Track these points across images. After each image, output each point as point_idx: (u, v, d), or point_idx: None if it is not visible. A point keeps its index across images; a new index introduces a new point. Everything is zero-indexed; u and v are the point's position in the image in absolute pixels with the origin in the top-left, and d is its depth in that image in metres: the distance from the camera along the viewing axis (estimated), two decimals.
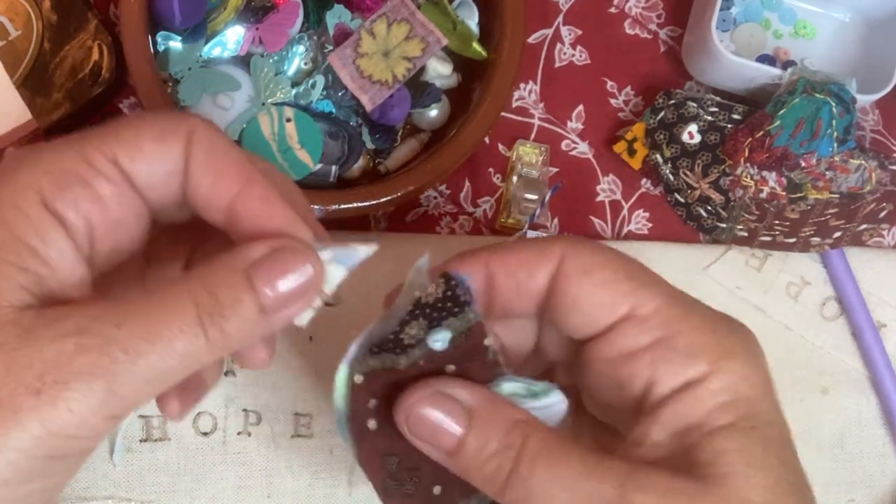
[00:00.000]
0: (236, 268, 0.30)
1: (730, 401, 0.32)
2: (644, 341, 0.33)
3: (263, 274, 0.30)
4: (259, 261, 0.30)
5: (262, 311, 0.30)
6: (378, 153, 0.51)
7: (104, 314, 0.28)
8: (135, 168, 0.31)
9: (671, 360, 0.32)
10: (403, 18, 0.50)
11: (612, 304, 0.33)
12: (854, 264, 0.54)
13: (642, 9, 0.56)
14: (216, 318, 0.29)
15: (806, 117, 0.50)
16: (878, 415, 0.53)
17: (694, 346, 0.32)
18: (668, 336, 0.33)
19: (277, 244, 0.31)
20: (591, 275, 0.33)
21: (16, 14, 0.49)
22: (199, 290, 0.29)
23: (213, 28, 0.49)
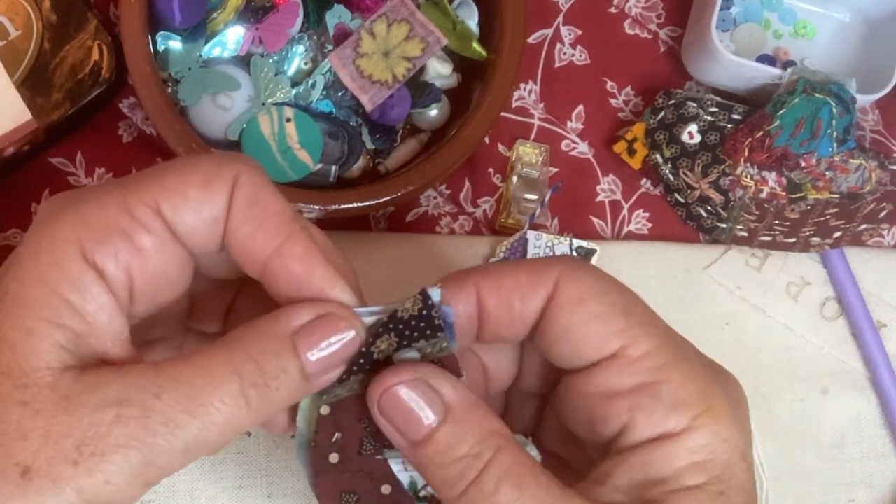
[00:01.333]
0: (281, 335, 0.30)
1: (703, 461, 0.30)
2: (628, 384, 0.31)
3: (309, 341, 0.30)
4: (304, 327, 0.30)
5: (306, 378, 0.30)
6: (378, 153, 0.51)
7: (144, 383, 0.28)
8: (178, 217, 0.30)
9: (652, 409, 0.31)
10: (403, 18, 0.50)
11: (603, 341, 0.32)
12: (854, 264, 0.54)
13: (642, 9, 0.56)
14: (260, 388, 0.29)
15: (806, 117, 0.50)
16: (878, 415, 0.53)
17: (678, 398, 0.31)
18: (654, 383, 0.31)
19: (322, 309, 0.30)
20: (585, 306, 0.32)
21: (16, 14, 0.49)
22: (243, 358, 0.29)
23: (213, 28, 0.49)
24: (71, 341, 0.28)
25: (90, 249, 0.29)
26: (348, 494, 0.34)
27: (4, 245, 0.51)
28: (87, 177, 0.52)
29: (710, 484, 0.30)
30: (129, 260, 0.29)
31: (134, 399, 0.28)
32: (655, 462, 0.30)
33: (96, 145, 0.52)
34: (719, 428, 0.31)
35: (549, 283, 0.32)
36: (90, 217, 0.29)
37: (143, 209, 0.30)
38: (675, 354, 0.32)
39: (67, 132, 0.51)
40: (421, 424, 0.31)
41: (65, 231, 0.29)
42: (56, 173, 0.51)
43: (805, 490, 0.52)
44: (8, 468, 0.27)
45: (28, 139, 0.48)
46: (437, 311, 0.32)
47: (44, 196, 0.51)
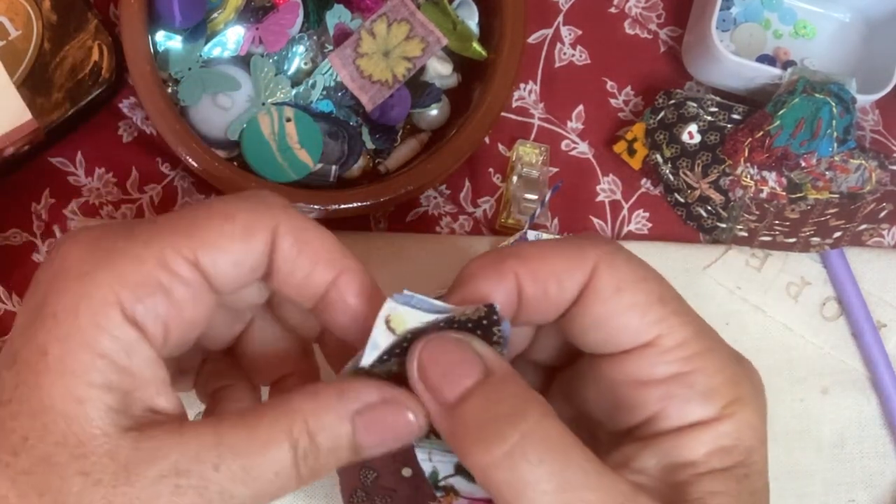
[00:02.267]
0: (342, 414, 0.30)
1: (731, 446, 0.31)
2: (662, 373, 0.31)
3: (369, 424, 0.30)
4: (367, 409, 0.30)
5: (356, 454, 0.31)
6: (378, 153, 0.51)
7: (203, 452, 0.28)
8: (217, 268, 0.30)
9: (686, 398, 0.31)
10: (403, 18, 0.50)
11: (639, 330, 0.31)
12: (854, 264, 0.54)
13: (642, 9, 0.56)
14: (311, 462, 0.29)
15: (806, 117, 0.50)
16: (878, 415, 0.53)
17: (710, 388, 0.31)
18: (688, 373, 0.31)
19: (388, 394, 0.31)
20: (622, 295, 0.31)
21: (16, 14, 0.49)
22: (300, 431, 0.29)
23: (213, 28, 0.49)
24: (121, 401, 0.29)
25: (130, 307, 0.29)
26: (368, 471, 0.34)
27: (4, 245, 0.51)
28: (87, 177, 0.52)
29: (736, 467, 0.31)
30: (166, 313, 0.30)
31: (193, 471, 0.28)
32: (684, 447, 0.31)
33: (96, 145, 0.52)
34: (746, 415, 0.31)
35: (587, 269, 0.32)
36: (128, 275, 0.29)
37: (182, 263, 0.30)
38: (707, 344, 0.32)
39: (67, 132, 0.51)
40: (458, 384, 0.30)
41: (103, 290, 0.29)
42: (56, 173, 0.51)
43: (805, 490, 0.52)
44: None
45: (28, 139, 0.48)
46: (498, 328, 0.31)
47: (43, 196, 0.51)
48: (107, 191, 0.52)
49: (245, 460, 0.29)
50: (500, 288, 0.32)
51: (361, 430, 0.30)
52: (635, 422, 0.32)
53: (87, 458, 0.28)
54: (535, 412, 0.29)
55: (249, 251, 0.31)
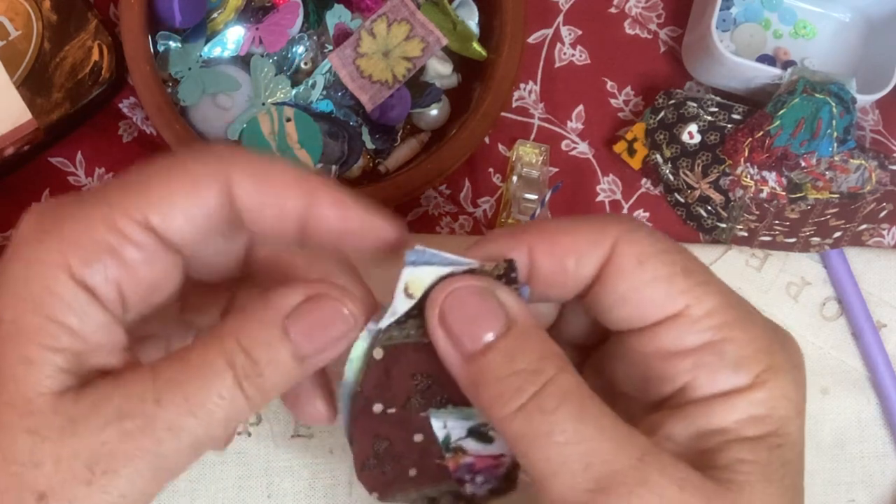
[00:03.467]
0: (271, 322, 0.29)
1: (763, 415, 0.30)
2: (691, 343, 0.31)
3: (300, 326, 0.30)
4: (295, 311, 0.30)
5: (300, 361, 0.30)
6: (378, 153, 0.51)
7: (143, 391, 0.28)
8: (168, 223, 0.30)
9: (716, 367, 0.30)
10: (403, 18, 0.50)
11: (665, 302, 0.31)
12: (854, 264, 0.54)
13: (642, 9, 0.56)
14: (253, 379, 0.29)
15: (806, 117, 0.50)
16: (878, 415, 0.53)
17: (741, 356, 0.31)
18: (718, 341, 0.31)
19: (312, 290, 0.30)
20: (645, 268, 0.31)
21: (16, 14, 0.49)
22: (234, 349, 0.29)
23: (213, 28, 0.49)
24: (71, 362, 0.29)
25: (79, 271, 0.29)
26: (380, 440, 0.34)
27: (4, 245, 0.51)
28: (88, 177, 0.52)
29: (769, 437, 0.30)
30: (118, 275, 0.29)
31: (135, 411, 0.28)
32: (715, 414, 0.30)
33: (96, 145, 0.52)
34: (780, 384, 0.31)
35: (607, 244, 0.31)
36: (76, 237, 0.29)
37: (131, 225, 0.29)
38: (737, 313, 0.31)
39: (67, 132, 0.51)
40: (483, 332, 0.30)
41: (52, 255, 0.29)
42: (56, 173, 0.51)
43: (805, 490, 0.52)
44: (24, 495, 0.27)
45: (28, 139, 0.48)
46: (517, 286, 0.31)
47: (44, 196, 0.51)
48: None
49: (185, 389, 0.28)
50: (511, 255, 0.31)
51: (296, 334, 0.29)
52: (666, 393, 0.31)
53: (34, 415, 0.28)
54: (553, 366, 0.29)
55: (200, 204, 0.30)
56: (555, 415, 0.28)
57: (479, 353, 0.30)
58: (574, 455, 0.28)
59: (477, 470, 0.35)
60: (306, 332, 0.30)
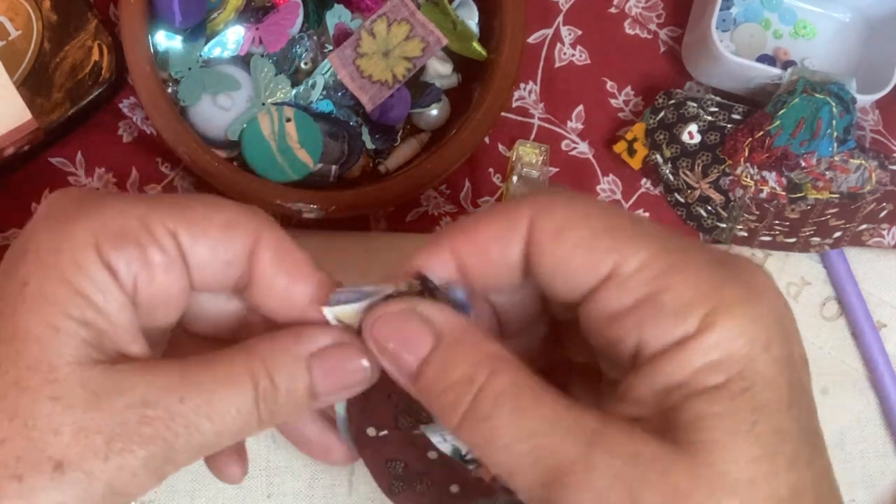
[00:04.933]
0: (297, 354, 0.31)
1: (720, 359, 0.28)
2: (627, 301, 0.29)
3: (323, 365, 0.31)
4: (320, 351, 0.31)
5: (313, 397, 0.31)
6: (378, 153, 0.51)
7: (169, 385, 0.29)
8: (194, 248, 0.31)
9: (657, 319, 0.29)
10: (403, 18, 0.50)
11: (592, 265, 0.30)
12: (854, 264, 0.54)
13: (642, 9, 0.56)
14: (270, 403, 0.31)
15: (806, 117, 0.50)
16: (878, 415, 0.53)
17: (682, 302, 0.29)
18: (654, 293, 0.29)
19: (339, 337, 0.32)
20: (564, 236, 0.30)
21: (16, 14, 0.49)
22: (260, 371, 0.30)
23: (213, 28, 0.49)
24: (95, 338, 0.29)
25: (105, 252, 0.30)
26: (394, 462, 0.34)
27: (4, 245, 0.51)
28: (88, 177, 0.52)
29: (732, 381, 0.28)
30: (138, 269, 0.30)
31: (159, 402, 0.29)
32: (670, 369, 0.28)
33: (96, 145, 0.52)
34: (733, 321, 0.28)
35: (523, 225, 0.31)
36: (109, 223, 0.30)
37: (162, 229, 0.31)
38: (674, 258, 0.29)
39: (67, 132, 0.51)
40: (411, 358, 0.30)
41: (85, 233, 0.30)
42: (56, 173, 0.51)
43: None
44: (41, 462, 0.28)
45: (28, 139, 0.48)
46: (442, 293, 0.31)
47: (44, 196, 0.51)
48: (107, 191, 0.52)
49: (209, 395, 0.30)
50: (436, 262, 0.32)
51: (317, 372, 0.31)
52: (626, 357, 0.30)
53: (59, 382, 0.28)
54: (485, 370, 0.29)
55: (228, 243, 0.31)
56: (492, 419, 0.28)
57: (416, 375, 0.30)
58: (520, 453, 0.28)
59: None
60: (326, 372, 0.31)
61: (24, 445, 0.28)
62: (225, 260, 0.32)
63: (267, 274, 0.32)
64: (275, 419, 0.31)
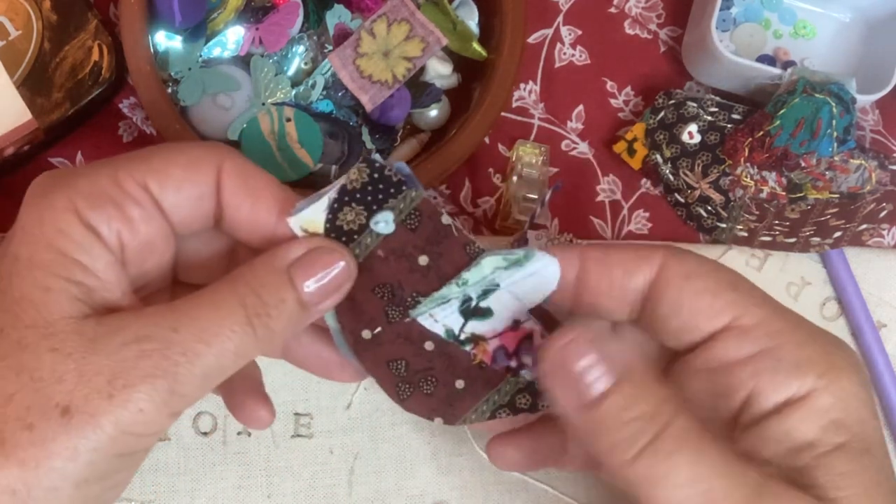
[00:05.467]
0: (278, 268, 0.32)
1: (840, 419, 0.31)
2: (747, 352, 0.32)
3: (303, 272, 0.33)
4: (298, 260, 0.33)
5: (303, 306, 0.33)
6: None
7: (161, 320, 0.31)
8: (163, 193, 0.33)
9: (776, 371, 0.31)
10: (403, 18, 0.50)
11: (714, 312, 0.32)
12: (854, 264, 0.54)
13: (642, 9, 0.56)
14: (263, 318, 0.31)
15: (806, 117, 0.50)
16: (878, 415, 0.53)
17: (799, 359, 0.31)
18: (773, 348, 0.31)
19: (314, 244, 0.33)
20: (692, 281, 0.32)
21: (16, 14, 0.49)
22: (245, 291, 0.32)
23: (213, 28, 0.49)
24: (85, 294, 0.31)
25: (86, 215, 0.31)
26: (395, 362, 0.35)
27: None
28: None
29: (853, 441, 0.30)
30: (119, 226, 0.32)
31: (154, 335, 0.30)
32: (794, 427, 0.31)
33: (96, 145, 0.52)
34: (845, 384, 0.31)
35: (655, 262, 0.33)
36: (84, 188, 0.32)
37: (132, 184, 0.32)
38: (788, 321, 0.32)
39: (67, 132, 0.51)
40: (595, 387, 0.31)
41: (62, 201, 0.31)
42: None
43: None
44: (49, 409, 0.29)
45: (28, 139, 0.48)
46: (390, 169, 0.33)
47: None
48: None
49: (201, 322, 0.31)
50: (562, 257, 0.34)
51: (300, 280, 0.32)
52: (734, 407, 0.32)
53: (56, 335, 0.30)
54: (670, 410, 0.30)
55: (191, 179, 0.33)
56: (672, 458, 0.29)
57: (596, 400, 0.31)
58: (692, 495, 0.29)
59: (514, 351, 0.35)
60: (309, 278, 0.33)
61: (31, 396, 0.29)
62: (195, 196, 0.33)
63: (233, 200, 0.33)
64: (273, 336, 0.32)
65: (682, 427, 0.30)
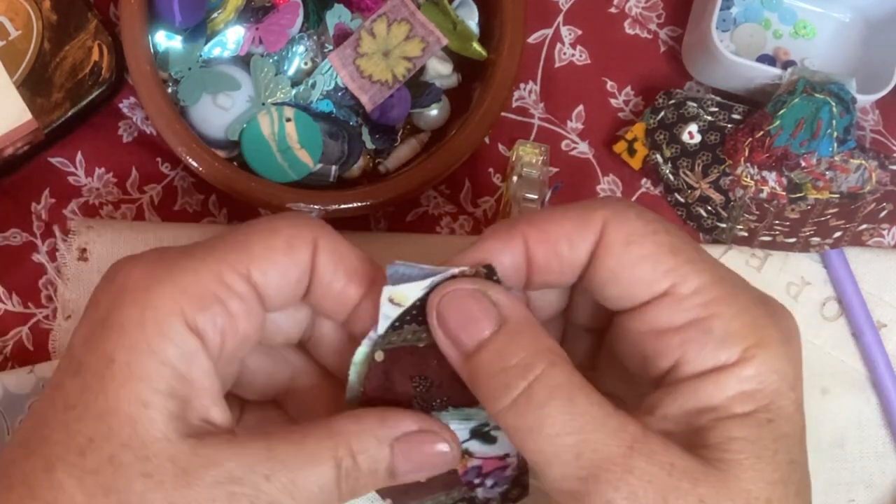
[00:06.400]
0: (382, 438, 0.32)
1: (753, 390, 0.31)
2: (679, 320, 0.32)
3: (406, 451, 0.32)
4: (405, 437, 0.32)
5: (392, 476, 0.33)
6: (378, 153, 0.51)
7: (255, 462, 0.30)
8: (266, 281, 0.32)
9: (703, 343, 0.31)
10: (403, 18, 0.50)
11: (652, 280, 0.32)
12: (854, 264, 0.54)
13: (642, 9, 0.56)
14: (351, 481, 0.31)
15: (806, 117, 0.50)
16: (878, 415, 0.53)
17: (729, 332, 0.31)
18: (705, 318, 0.31)
19: (425, 424, 0.33)
20: (632, 248, 0.32)
21: (16, 14, 0.49)
22: (344, 451, 0.31)
23: (213, 28, 0.49)
24: (180, 408, 0.30)
25: (192, 317, 0.31)
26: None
27: (4, 245, 0.51)
28: (88, 177, 0.52)
29: (759, 412, 0.31)
30: (224, 325, 0.31)
31: (246, 479, 0.30)
32: (705, 391, 0.31)
33: (96, 145, 0.52)
34: (770, 359, 0.31)
35: (596, 227, 0.33)
36: (189, 288, 0.31)
37: (236, 277, 0.32)
38: (726, 289, 0.32)
39: (67, 132, 0.51)
40: (474, 335, 0.31)
41: (167, 301, 0.30)
42: (56, 173, 0.51)
43: None
44: None
45: (28, 139, 0.48)
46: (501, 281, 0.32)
47: (44, 196, 0.51)
48: (107, 191, 0.52)
49: (294, 474, 0.30)
50: (507, 250, 0.33)
51: (399, 456, 0.32)
52: (661, 371, 0.32)
53: (151, 460, 0.29)
54: (544, 361, 0.31)
55: (294, 262, 0.33)
56: (544, 408, 0.30)
57: (474, 351, 0.31)
58: (565, 446, 0.29)
59: (486, 473, 0.36)
60: (408, 456, 0.32)
61: None
62: (295, 279, 0.33)
63: (326, 278, 0.33)
64: (353, 495, 0.32)
65: (558, 377, 0.30)
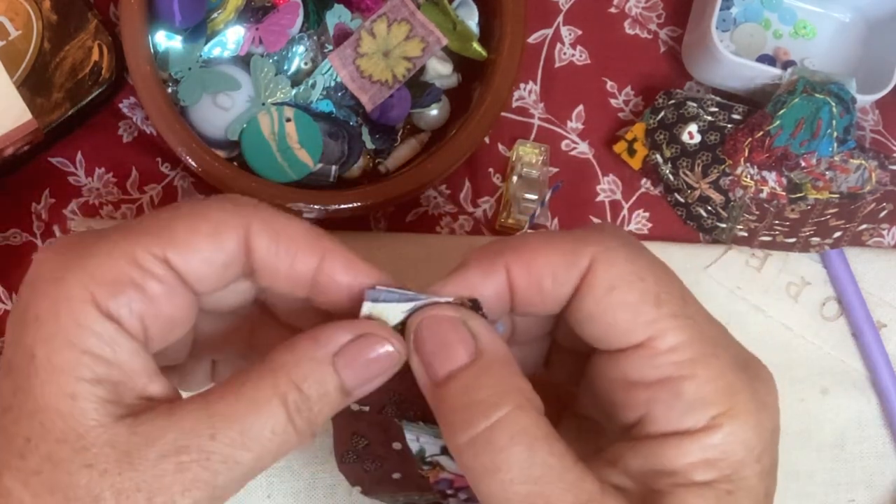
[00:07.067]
0: (321, 358, 0.31)
1: (716, 459, 0.30)
2: (650, 376, 0.31)
3: (349, 362, 0.31)
4: (344, 349, 0.31)
5: (346, 394, 0.31)
6: (378, 153, 0.51)
7: (197, 425, 0.29)
8: (188, 265, 0.31)
9: (671, 404, 0.30)
10: (403, 18, 0.50)
11: (629, 330, 0.31)
12: (854, 264, 0.54)
13: (642, 9, 0.56)
14: (304, 413, 0.30)
15: (806, 117, 0.50)
16: (878, 415, 0.53)
17: (699, 396, 0.30)
18: (677, 378, 0.30)
19: (360, 329, 0.31)
20: (615, 294, 0.31)
21: (16, 14, 0.49)
22: (286, 385, 0.30)
23: (213, 28, 0.49)
24: (112, 392, 0.29)
25: (104, 303, 0.29)
26: (359, 437, 0.35)
27: (4, 245, 0.51)
28: (88, 177, 0.52)
29: (720, 482, 0.30)
30: (141, 308, 0.30)
31: (191, 444, 0.29)
32: (667, 454, 0.30)
33: (96, 145, 0.52)
34: (738, 429, 0.30)
35: (583, 264, 0.31)
36: (100, 272, 0.30)
37: (152, 260, 0.30)
38: (704, 349, 0.31)
39: (67, 132, 0.51)
40: (448, 360, 0.31)
41: (77, 290, 0.29)
42: (56, 173, 0.51)
43: (805, 490, 0.52)
44: None
45: (28, 139, 0.48)
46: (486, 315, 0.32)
47: (43, 196, 0.51)
48: (107, 191, 0.52)
49: (240, 424, 0.29)
50: (489, 282, 0.32)
51: (344, 370, 0.31)
52: (627, 422, 0.32)
53: (89, 450, 0.28)
54: (511, 403, 0.30)
55: (219, 249, 0.31)
56: (502, 452, 0.29)
57: (445, 380, 0.30)
58: (517, 494, 0.29)
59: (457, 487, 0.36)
60: (353, 367, 0.31)
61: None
62: (221, 264, 0.31)
63: (268, 261, 0.32)
64: (314, 427, 0.31)
65: (522, 423, 0.29)
